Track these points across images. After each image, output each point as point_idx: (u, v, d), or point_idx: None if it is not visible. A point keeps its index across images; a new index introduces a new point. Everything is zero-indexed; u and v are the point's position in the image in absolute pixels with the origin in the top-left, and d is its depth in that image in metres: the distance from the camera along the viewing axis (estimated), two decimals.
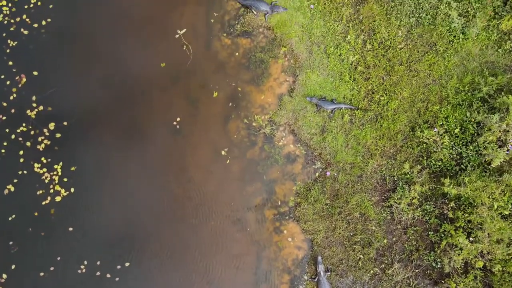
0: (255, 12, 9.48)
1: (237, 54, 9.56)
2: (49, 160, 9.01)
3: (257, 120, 9.34)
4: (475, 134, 8.61)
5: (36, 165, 8.94)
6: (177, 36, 9.49)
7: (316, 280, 8.71)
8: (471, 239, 8.17)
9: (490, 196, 8.10)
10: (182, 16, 9.70)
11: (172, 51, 9.53)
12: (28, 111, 9.19)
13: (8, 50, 9.31)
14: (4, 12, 9.39)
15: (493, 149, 8.18)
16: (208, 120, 9.45)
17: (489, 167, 8.36)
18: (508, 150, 8.20)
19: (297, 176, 9.20)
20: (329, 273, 8.69)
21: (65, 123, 9.20)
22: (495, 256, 8.05)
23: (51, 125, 9.15)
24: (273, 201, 9.14)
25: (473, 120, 8.63)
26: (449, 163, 8.64)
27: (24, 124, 9.12)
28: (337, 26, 9.35)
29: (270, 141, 9.29)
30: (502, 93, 8.46)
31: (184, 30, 9.47)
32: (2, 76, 9.24)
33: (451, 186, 8.26)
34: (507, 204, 8.13)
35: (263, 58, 9.53)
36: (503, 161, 8.18)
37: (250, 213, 9.08)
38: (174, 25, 9.63)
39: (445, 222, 8.52)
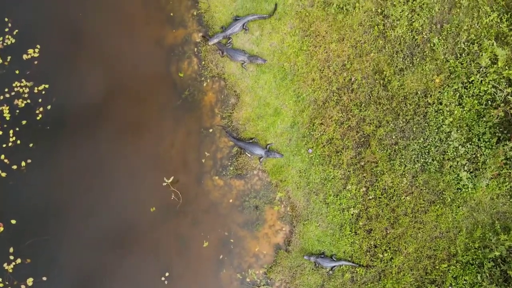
0: (249, 155, 8.89)
1: (230, 197, 8.97)
2: None
3: (251, 275, 8.70)
4: None
5: None
6: (164, 184, 8.89)
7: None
8: None
9: None
10: (171, 157, 9.14)
11: (162, 196, 8.93)
12: (5, 265, 8.57)
13: None
14: None
15: None
16: (199, 268, 8.82)
17: None
18: None
19: None
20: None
21: (44, 278, 8.56)
22: None
23: (29, 281, 8.53)
24: None
25: (485, 284, 7.98)
26: None
27: (0, 279, 8.50)
28: (337, 172, 8.74)
29: None
30: None
31: (171, 178, 8.86)
32: None
33: None
34: None
35: (258, 203, 8.92)
36: None
37: None
38: (164, 164, 9.06)
39: None
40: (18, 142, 8.94)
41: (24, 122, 9.02)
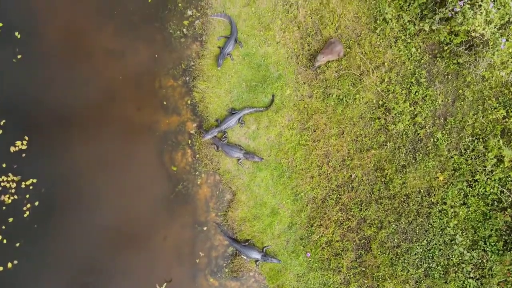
0: (245, 258, 8.53)
1: None
2: None
3: None
4: None
5: None
6: None
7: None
8: None
9: None
10: (165, 251, 8.77)
11: None
12: None
13: None
14: None
15: None
16: None
17: None
18: None
19: None
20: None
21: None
22: None
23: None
24: None
25: None
26: None
27: None
28: (337, 277, 8.38)
29: None
30: None
31: (164, 285, 8.49)
32: None
33: None
34: None
35: None
36: None
37: None
38: (157, 260, 8.69)
39: None
40: (4, 241, 8.57)
41: (10, 219, 8.66)
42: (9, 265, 8.51)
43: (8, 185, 8.74)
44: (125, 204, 8.97)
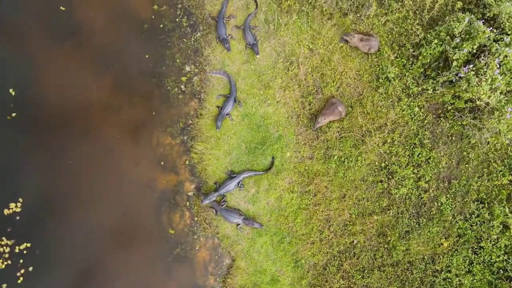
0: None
1: None
2: None
3: None
4: None
5: None
6: None
7: None
8: None
9: None
10: None
11: None
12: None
13: None
14: None
15: None
16: None
17: None
18: None
19: None
20: None
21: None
22: None
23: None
24: None
25: None
26: None
27: None
28: None
29: None
30: None
31: None
32: None
33: None
34: None
35: None
36: None
37: None
38: None
39: None
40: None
41: (4, 286, 8.44)
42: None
43: (1, 249, 8.53)
44: (121, 264, 8.77)
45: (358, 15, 8.55)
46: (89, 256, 8.62)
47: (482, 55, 7.78)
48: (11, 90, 8.83)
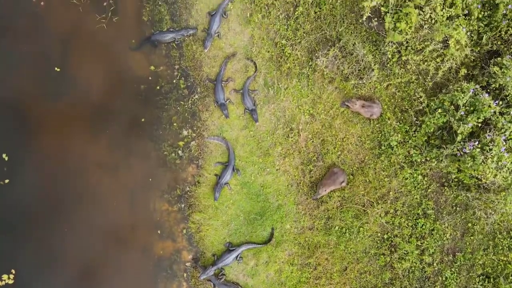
0: None
1: None
2: None
3: None
4: None
5: None
6: None
7: None
8: None
9: None
10: None
11: None
12: None
13: None
14: None
15: None
16: None
17: None
18: None
19: None
20: None
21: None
22: None
23: None
24: None
25: None
26: None
27: None
28: None
29: None
30: None
31: None
32: None
33: None
34: None
35: None
36: None
37: None
38: None
39: None
40: None
41: None
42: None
43: None
44: None
45: (360, 79, 8.33)
46: None
47: (488, 130, 7.56)
48: (4, 155, 8.63)
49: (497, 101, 7.63)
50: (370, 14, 8.13)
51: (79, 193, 8.92)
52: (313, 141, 8.52)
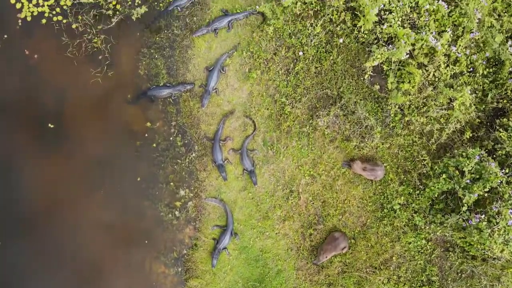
0: None
1: None
2: None
3: None
4: None
5: None
6: None
7: None
8: None
9: None
10: None
11: None
12: None
13: None
14: None
15: None
16: None
17: None
18: None
19: None
20: None
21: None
22: None
23: None
24: None
25: None
26: None
27: None
28: None
29: None
30: None
31: None
32: None
33: None
34: None
35: None
36: None
37: None
38: None
39: None
40: None
41: None
42: None
43: None
44: None
45: (362, 140, 8.08)
46: None
47: (494, 200, 7.31)
48: None
49: (503, 170, 7.39)
50: (371, 73, 7.92)
51: (72, 250, 8.70)
52: (313, 203, 8.28)
